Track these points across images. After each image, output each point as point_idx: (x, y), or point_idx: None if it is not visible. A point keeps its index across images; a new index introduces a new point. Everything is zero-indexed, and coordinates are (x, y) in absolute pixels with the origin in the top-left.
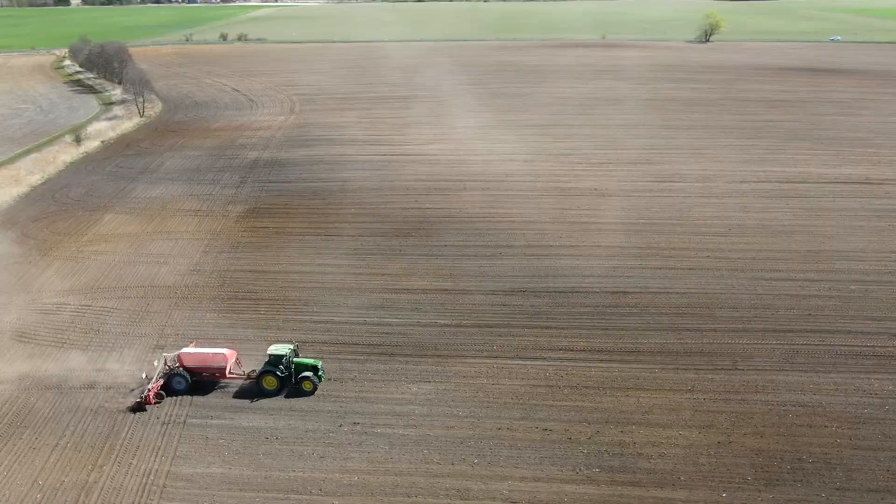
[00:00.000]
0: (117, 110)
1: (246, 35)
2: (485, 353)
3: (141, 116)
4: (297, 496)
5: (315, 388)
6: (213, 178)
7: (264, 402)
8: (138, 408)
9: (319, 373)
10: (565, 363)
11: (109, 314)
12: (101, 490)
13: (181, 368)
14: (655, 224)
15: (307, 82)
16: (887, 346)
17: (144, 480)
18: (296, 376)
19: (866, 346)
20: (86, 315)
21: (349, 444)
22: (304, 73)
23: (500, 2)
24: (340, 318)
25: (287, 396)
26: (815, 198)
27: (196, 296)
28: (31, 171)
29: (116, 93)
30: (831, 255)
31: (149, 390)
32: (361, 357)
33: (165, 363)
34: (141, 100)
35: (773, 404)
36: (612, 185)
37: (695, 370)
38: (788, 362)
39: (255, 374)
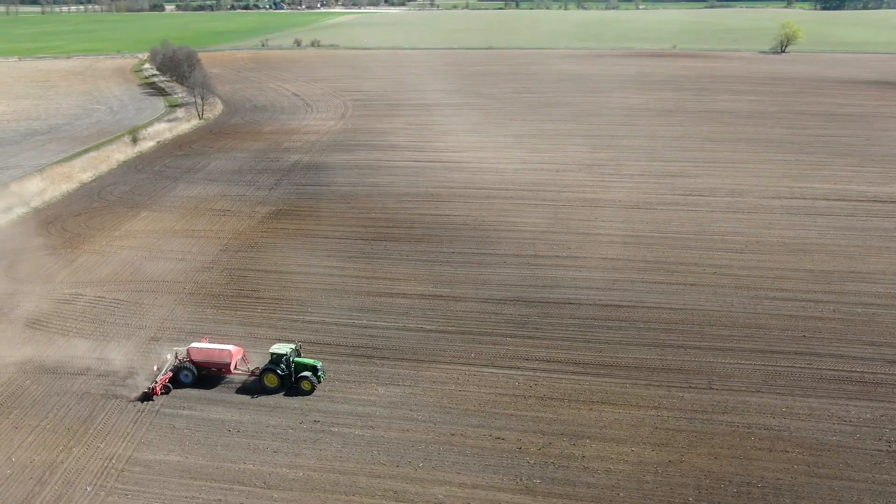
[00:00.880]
0: (179, 112)
1: (319, 41)
2: (460, 360)
3: (200, 119)
4: (241, 487)
5: (313, 388)
6: (251, 180)
7: (235, 397)
8: (145, 398)
9: (319, 373)
10: (538, 374)
11: (118, 306)
12: (65, 470)
13: (189, 362)
14: (670, 238)
15: (365, 88)
16: (877, 373)
17: (106, 464)
18: (295, 375)
19: (855, 371)
20: (97, 306)
21: (304, 440)
22: (366, 78)
23: (582, 10)
24: (331, 319)
25: (286, 395)
26: (847, 216)
27: (202, 292)
28: (85, 169)
29: (183, 95)
30: (845, 275)
31: (156, 382)
32: (341, 358)
33: (176, 356)
34: (201, 102)
35: (737, 426)
36: (637, 198)
37: (667, 387)
38: (766, 384)
39: (258, 371)
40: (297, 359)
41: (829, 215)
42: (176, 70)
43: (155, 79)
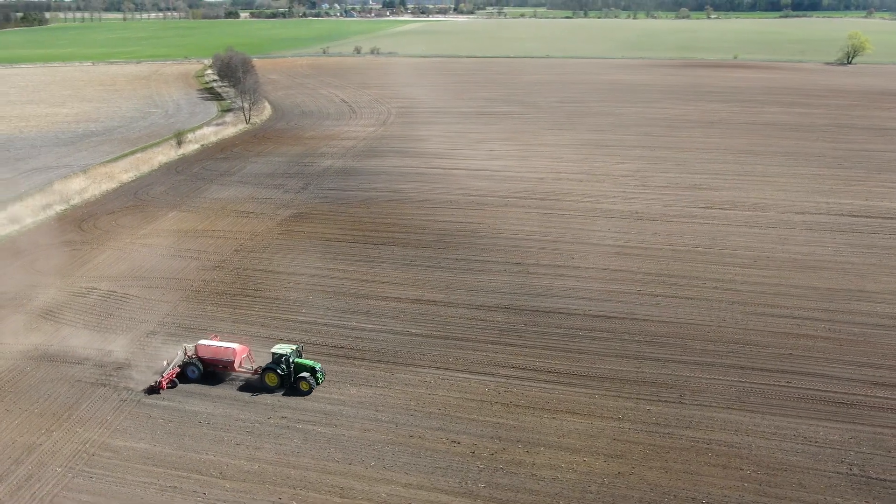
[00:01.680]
0: (228, 117)
1: (378, 49)
2: (437, 365)
3: (246, 123)
4: (197, 476)
5: (311, 389)
6: (280, 184)
7: (214, 390)
8: (152, 391)
9: (318, 374)
10: (510, 381)
11: (127, 300)
12: (41, 452)
13: (196, 359)
14: (678, 250)
15: (412, 95)
16: (856, 394)
17: (80, 448)
18: (295, 376)
19: (834, 391)
20: (108, 300)
21: (268, 435)
22: (415, 86)
23: (651, 19)
24: (322, 320)
25: (285, 394)
26: (869, 233)
27: (207, 290)
28: (127, 170)
29: (235, 100)
30: (851, 294)
31: (163, 376)
32: (323, 357)
33: (185, 353)
34: (248, 107)
35: (698, 441)
36: (655, 209)
37: (636, 399)
38: (739, 401)
39: (260, 370)
40: (297, 359)
41: (850, 232)
42: (231, 75)
43: (214, 84)
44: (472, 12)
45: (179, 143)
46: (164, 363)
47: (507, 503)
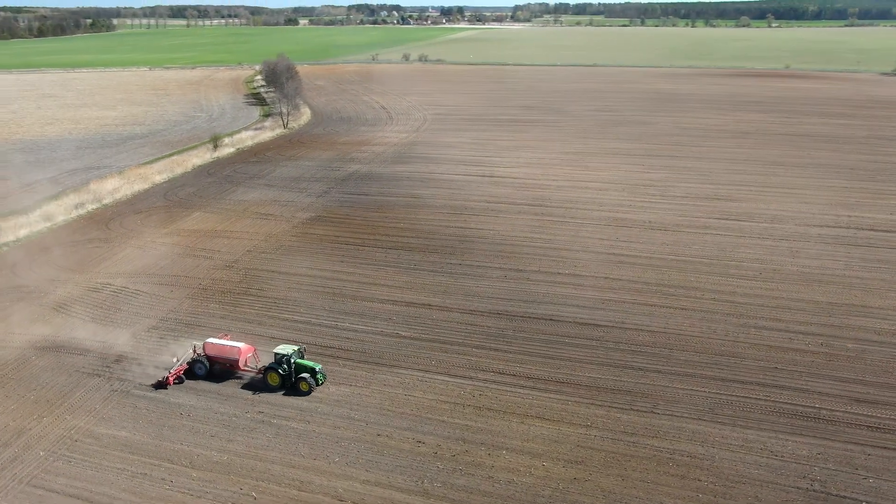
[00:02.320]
0: (268, 121)
1: (426, 56)
2: (419, 367)
3: (284, 128)
4: (168, 465)
5: (311, 389)
6: (305, 187)
7: (201, 385)
8: (159, 386)
9: (317, 375)
10: (488, 384)
11: (136, 296)
12: (29, 436)
13: (203, 356)
14: (683, 261)
15: (451, 102)
16: (835, 410)
17: (65, 434)
18: (295, 376)
19: (811, 406)
20: (119, 295)
21: (242, 428)
22: (456, 93)
23: (710, 27)
24: (317, 320)
25: (286, 394)
26: (886, 248)
27: (213, 288)
28: (161, 172)
29: (277, 105)
30: (852, 309)
31: (170, 372)
32: (311, 356)
33: (194, 350)
34: (286, 112)
35: (661, 451)
36: (669, 220)
37: (608, 407)
38: (711, 413)
39: (263, 369)
40: (298, 360)
41: (866, 246)
42: (276, 81)
43: (260, 89)
44: (528, 20)
45: (215, 147)
46: (174, 359)
47: (459, 502)
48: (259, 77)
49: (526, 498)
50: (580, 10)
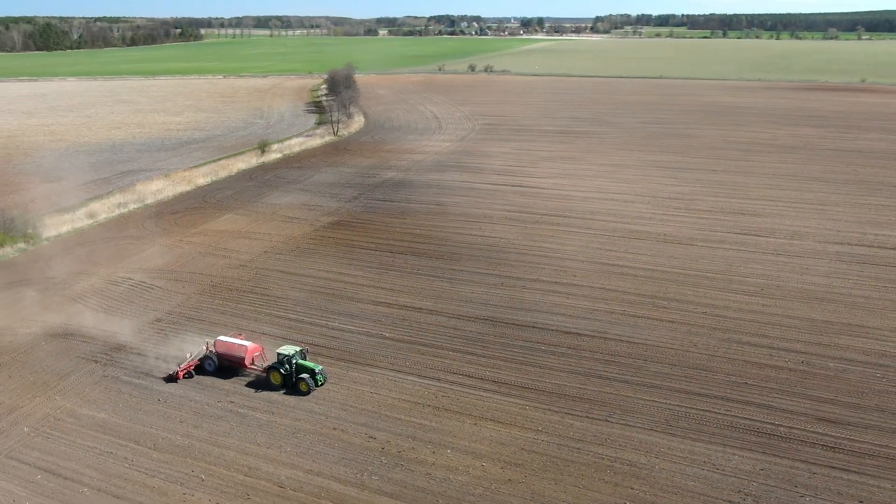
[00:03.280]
0: (320, 129)
1: (491, 66)
2: (393, 367)
3: (334, 135)
4: (133, 445)
5: (309, 390)
6: (337, 193)
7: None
8: (169, 379)
9: (317, 376)
10: (453, 386)
11: (150, 291)
12: (19, 413)
13: (213, 353)
14: (686, 274)
15: (504, 113)
16: (795, 428)
17: (51, 413)
18: (296, 376)
19: (771, 423)
20: (136, 289)
21: (210, 416)
22: (511, 104)
23: (796, 39)
24: (310, 319)
25: (286, 392)
26: None
27: (223, 285)
28: (205, 175)
29: (333, 113)
30: (846, 328)
31: (180, 366)
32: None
33: (207, 347)
34: (336, 120)
35: (603, 458)
36: (684, 233)
37: (564, 414)
38: (666, 424)
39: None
40: (299, 361)
41: (883, 265)
42: (335, 90)
43: (322, 98)
44: (608, 32)
45: (262, 152)
46: (188, 355)
47: (390, 495)
48: (324, 86)
49: (456, 495)
50: (663, 21)
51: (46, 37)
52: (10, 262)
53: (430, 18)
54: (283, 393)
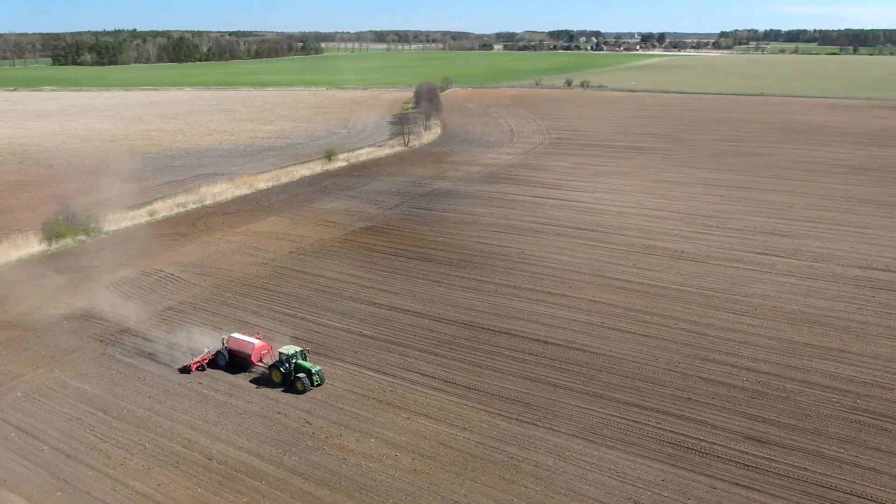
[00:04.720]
0: (393, 140)
1: (587, 82)
2: (358, 362)
3: (405, 146)
4: (101, 414)
5: (305, 389)
6: (382, 200)
7: (174, 355)
8: (184, 370)
9: (313, 377)
10: (403, 382)
11: (174, 282)
12: (20, 380)
13: (226, 349)
14: (685, 292)
15: (580, 128)
16: (717, 444)
17: (45, 381)
18: (294, 375)
19: (696, 438)
20: (162, 280)
21: (177, 394)
22: (592, 118)
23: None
24: (302, 314)
25: (285, 390)
26: None
27: (239, 281)
28: (268, 180)
29: (413, 125)
30: (827, 352)
31: (193, 359)
32: (277, 344)
33: (223, 342)
34: (408, 132)
35: (512, 457)
36: (704, 251)
37: (496, 415)
38: (590, 431)
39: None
40: (299, 361)
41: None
42: (419, 103)
43: (410, 110)
44: (730, 48)
45: (329, 160)
46: (206, 350)
47: (301, 475)
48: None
49: (360, 480)
50: (793, 37)
51: (178, 49)
52: (66, 252)
53: (549, 33)
54: (283, 390)
